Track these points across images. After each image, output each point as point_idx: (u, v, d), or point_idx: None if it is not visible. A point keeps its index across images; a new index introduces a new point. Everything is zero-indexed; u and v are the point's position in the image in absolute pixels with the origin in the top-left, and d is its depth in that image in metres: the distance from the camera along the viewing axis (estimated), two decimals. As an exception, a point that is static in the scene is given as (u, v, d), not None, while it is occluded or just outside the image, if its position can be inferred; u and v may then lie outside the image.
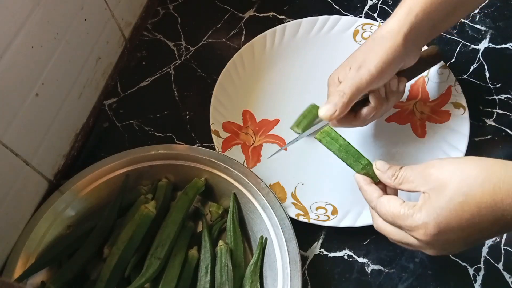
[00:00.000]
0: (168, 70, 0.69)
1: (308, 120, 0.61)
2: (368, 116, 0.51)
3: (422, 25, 0.49)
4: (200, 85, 0.68)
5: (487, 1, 0.73)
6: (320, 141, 0.48)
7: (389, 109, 0.54)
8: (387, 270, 0.53)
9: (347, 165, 0.47)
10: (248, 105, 0.65)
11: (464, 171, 0.38)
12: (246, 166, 0.56)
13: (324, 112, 0.49)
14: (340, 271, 0.54)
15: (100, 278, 0.47)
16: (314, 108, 0.61)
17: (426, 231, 0.38)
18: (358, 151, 0.47)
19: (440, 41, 0.70)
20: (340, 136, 0.47)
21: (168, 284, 0.48)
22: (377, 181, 0.45)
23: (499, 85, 0.65)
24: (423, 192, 0.39)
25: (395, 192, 0.45)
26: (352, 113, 0.51)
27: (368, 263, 0.54)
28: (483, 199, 0.36)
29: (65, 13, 0.54)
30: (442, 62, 0.64)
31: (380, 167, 0.45)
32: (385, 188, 0.45)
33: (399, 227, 0.41)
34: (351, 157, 0.47)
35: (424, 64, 0.58)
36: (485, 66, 0.67)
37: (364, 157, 0.47)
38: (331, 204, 0.56)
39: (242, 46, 0.67)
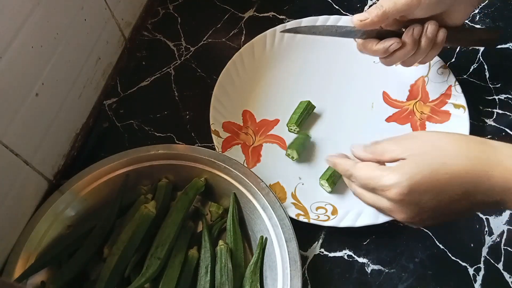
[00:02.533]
0: (168, 70, 0.69)
1: (299, 115, 0.61)
2: (392, 49, 0.52)
3: None
4: (200, 85, 0.68)
5: (487, 1, 0.73)
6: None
7: (418, 58, 0.54)
8: (387, 270, 0.53)
9: None
10: (248, 105, 0.65)
11: (443, 144, 0.40)
12: (246, 166, 0.56)
13: (357, 17, 0.51)
14: (340, 271, 0.54)
15: (100, 278, 0.47)
16: (303, 104, 0.62)
17: (398, 190, 0.39)
18: None
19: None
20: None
21: (168, 284, 0.48)
22: None
23: (499, 85, 0.65)
24: (402, 159, 0.40)
25: None
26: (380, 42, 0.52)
27: (368, 263, 0.54)
28: (457, 170, 0.38)
29: (65, 13, 0.54)
30: (442, 62, 0.64)
31: (356, 149, 0.45)
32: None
33: (373, 189, 0.42)
34: None
35: (475, 38, 0.55)
36: (485, 66, 0.67)
37: None
38: (331, 204, 0.56)
39: (242, 46, 0.67)
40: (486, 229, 0.55)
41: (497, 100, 0.64)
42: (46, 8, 0.50)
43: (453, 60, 0.68)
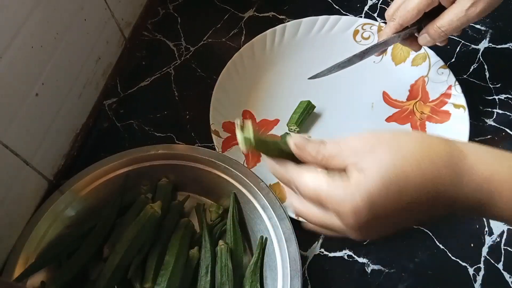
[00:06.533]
0: (168, 70, 0.69)
1: (299, 115, 0.61)
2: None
3: None
4: (200, 85, 0.68)
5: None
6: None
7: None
8: (387, 270, 0.53)
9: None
10: (248, 105, 0.65)
11: (402, 146, 0.32)
12: (246, 166, 0.56)
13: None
14: (340, 271, 0.53)
15: (101, 276, 0.47)
16: (303, 104, 0.62)
17: (357, 217, 0.32)
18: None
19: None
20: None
21: (169, 285, 0.48)
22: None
23: (499, 85, 0.65)
24: (353, 164, 0.33)
25: None
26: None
27: (368, 263, 0.54)
28: (423, 182, 0.31)
29: (65, 13, 0.54)
30: (442, 62, 0.64)
31: (298, 143, 0.35)
32: None
33: (322, 204, 0.34)
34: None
35: None
36: (485, 66, 0.67)
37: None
38: (331, 204, 0.56)
39: (242, 46, 0.67)
40: (486, 229, 0.55)
41: (497, 100, 0.64)
42: (46, 8, 0.50)
43: (453, 60, 0.68)
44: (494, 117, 0.63)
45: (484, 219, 0.55)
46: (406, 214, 0.33)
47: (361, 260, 0.54)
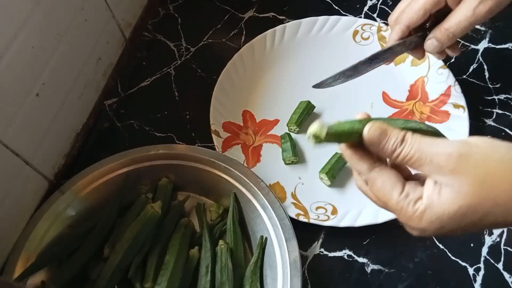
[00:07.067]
0: (168, 70, 0.70)
1: (299, 115, 0.62)
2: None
3: None
4: (200, 85, 0.68)
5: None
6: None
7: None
8: (387, 270, 0.53)
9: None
10: (248, 105, 0.65)
11: (489, 179, 0.30)
12: (246, 166, 0.56)
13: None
14: (340, 271, 0.54)
15: (101, 276, 0.47)
16: (303, 104, 0.62)
17: (420, 233, 0.34)
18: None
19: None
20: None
21: (170, 284, 0.48)
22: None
23: (498, 85, 0.65)
24: (431, 176, 0.32)
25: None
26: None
27: (368, 263, 0.54)
28: (506, 220, 0.31)
29: (66, 13, 0.54)
30: (441, 62, 0.64)
31: (373, 141, 0.33)
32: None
33: (387, 207, 0.35)
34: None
35: None
36: (485, 66, 0.67)
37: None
38: (331, 204, 0.56)
39: (242, 46, 0.67)
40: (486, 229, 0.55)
41: (496, 100, 0.64)
42: (47, 9, 0.50)
43: (453, 60, 0.68)
44: (494, 117, 0.63)
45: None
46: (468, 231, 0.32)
47: (361, 260, 0.54)
